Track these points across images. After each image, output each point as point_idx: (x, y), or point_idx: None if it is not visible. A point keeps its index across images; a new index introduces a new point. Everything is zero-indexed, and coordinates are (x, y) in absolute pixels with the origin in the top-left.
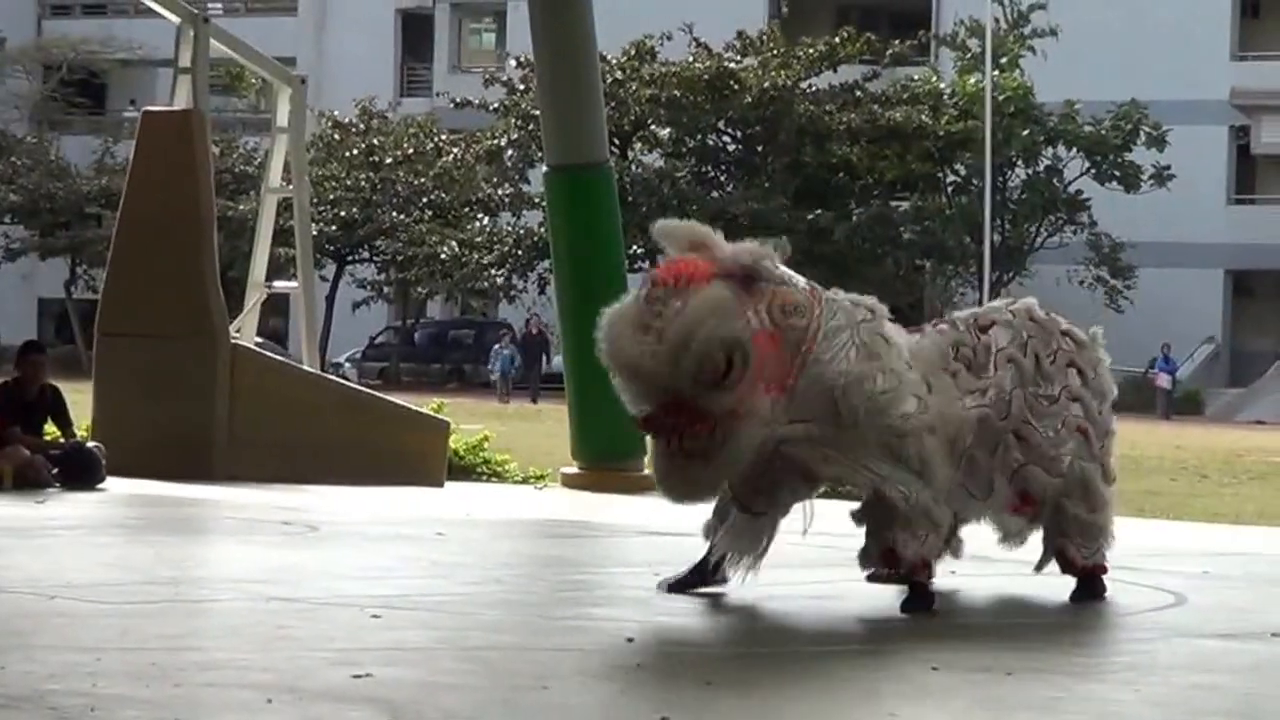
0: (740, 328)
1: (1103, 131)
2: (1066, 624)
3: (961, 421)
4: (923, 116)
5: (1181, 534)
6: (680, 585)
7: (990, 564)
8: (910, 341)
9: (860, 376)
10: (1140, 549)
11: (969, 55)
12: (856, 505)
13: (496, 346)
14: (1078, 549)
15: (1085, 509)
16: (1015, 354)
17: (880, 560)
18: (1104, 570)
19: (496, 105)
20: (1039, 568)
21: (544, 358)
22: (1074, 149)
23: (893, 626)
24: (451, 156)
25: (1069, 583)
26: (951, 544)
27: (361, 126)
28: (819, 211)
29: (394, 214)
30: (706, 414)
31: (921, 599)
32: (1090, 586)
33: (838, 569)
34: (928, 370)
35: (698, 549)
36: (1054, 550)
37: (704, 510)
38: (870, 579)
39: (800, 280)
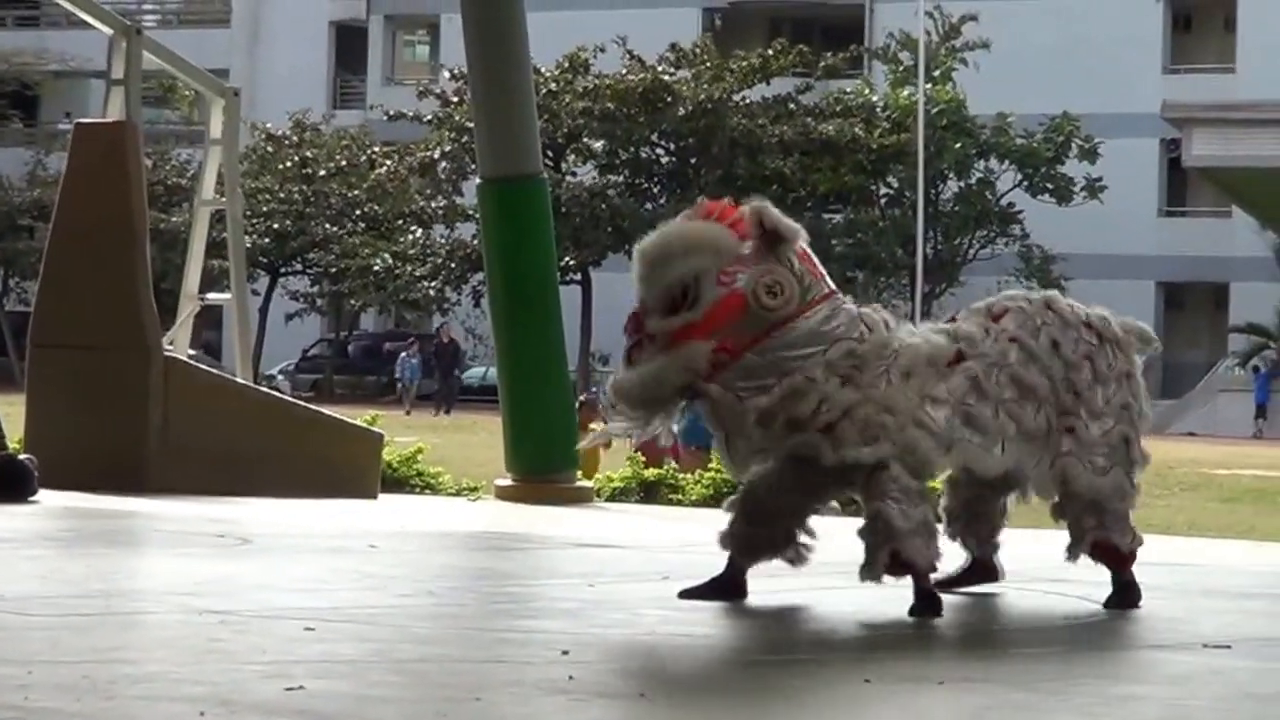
0: (711, 270)
1: (1035, 144)
2: (999, 634)
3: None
4: (855, 129)
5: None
6: (696, 594)
7: None
8: (912, 346)
9: (795, 390)
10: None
11: (901, 68)
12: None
13: (404, 355)
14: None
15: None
16: (1021, 335)
17: (889, 569)
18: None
19: (430, 117)
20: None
21: (460, 368)
22: (1006, 161)
23: (831, 637)
24: (385, 169)
25: (1002, 593)
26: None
27: (295, 139)
28: None
29: (327, 226)
30: (648, 331)
31: (930, 603)
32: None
33: (773, 580)
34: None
35: (630, 560)
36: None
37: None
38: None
39: (820, 276)
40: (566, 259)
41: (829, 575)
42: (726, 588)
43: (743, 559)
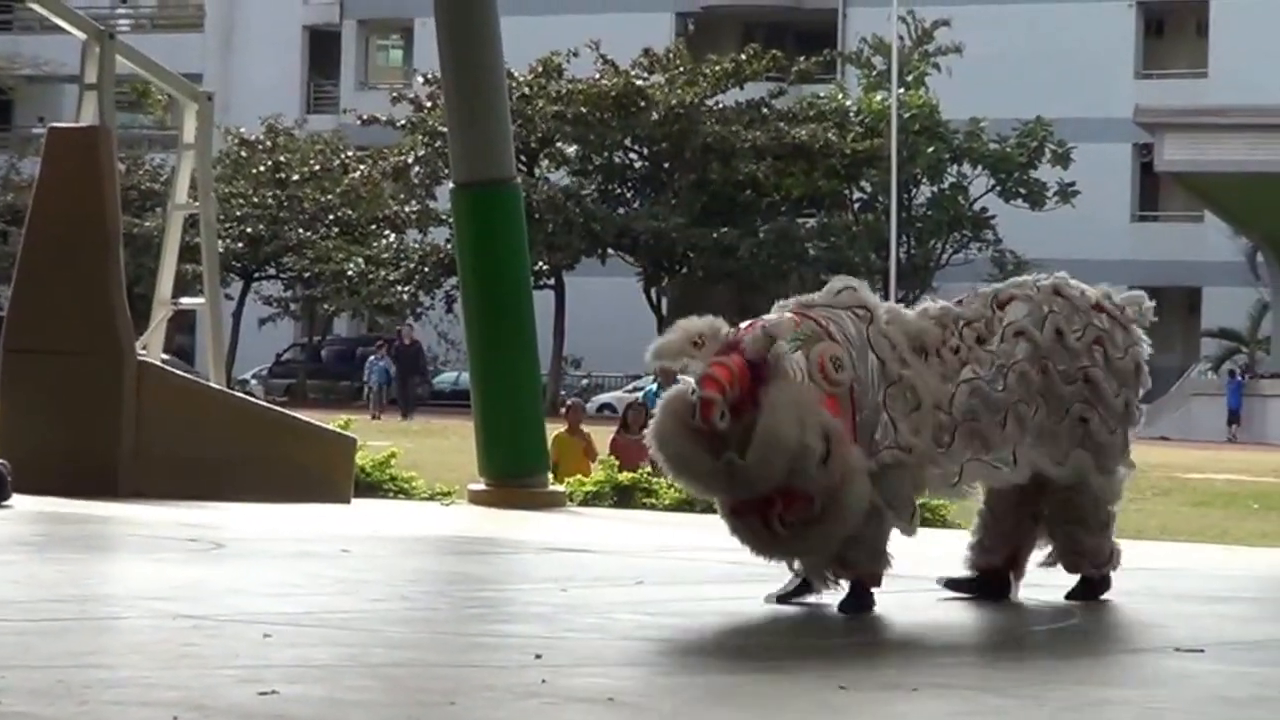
0: (822, 413)
1: (1008, 149)
2: (972, 639)
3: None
4: (829, 134)
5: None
6: (786, 596)
7: (898, 580)
8: (904, 328)
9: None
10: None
11: (874, 73)
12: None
13: (371, 358)
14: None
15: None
16: (1027, 327)
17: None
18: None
19: (403, 122)
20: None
21: (420, 371)
22: (979, 167)
23: (807, 643)
24: (358, 173)
25: (976, 598)
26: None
27: (268, 143)
28: (725, 229)
29: (300, 231)
30: (806, 493)
31: (862, 600)
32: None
33: (745, 585)
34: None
35: (603, 565)
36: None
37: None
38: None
39: (787, 315)
40: (539, 263)
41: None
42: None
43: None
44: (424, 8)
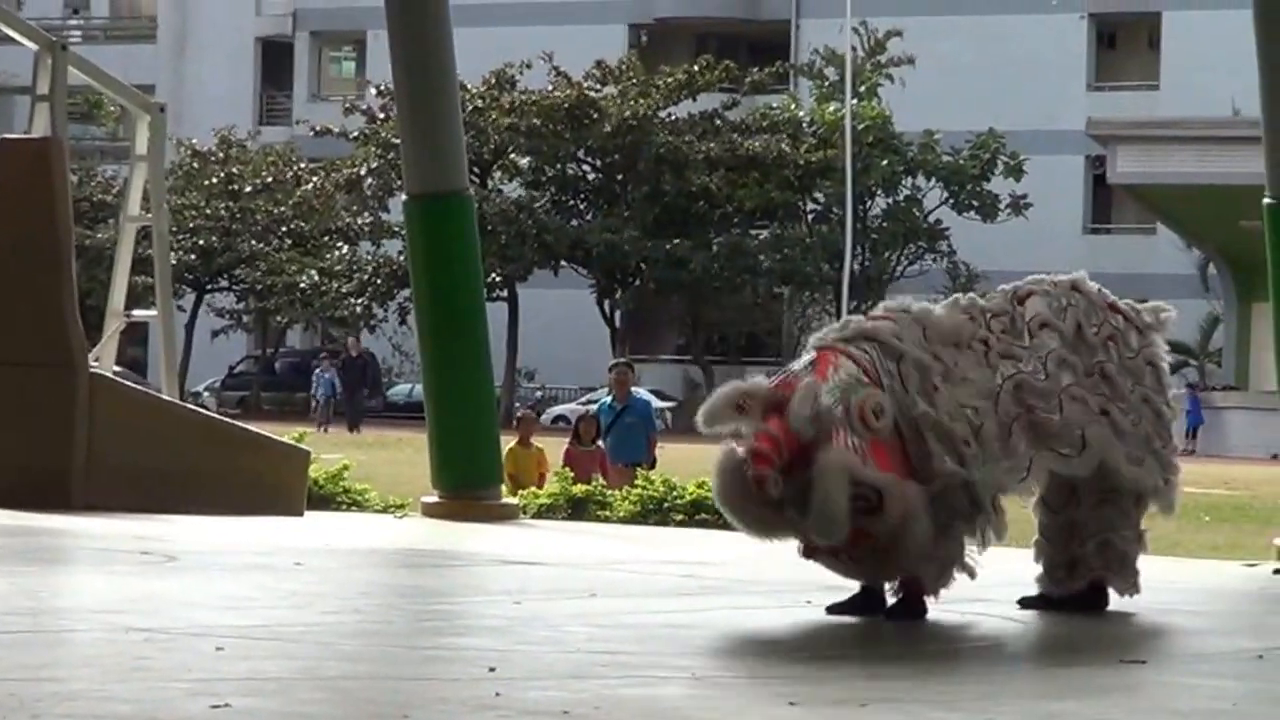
0: (868, 471)
1: (961, 161)
2: (922, 653)
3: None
4: (782, 145)
5: (1030, 562)
6: (841, 609)
7: (848, 590)
8: (939, 330)
9: None
10: (991, 578)
11: (827, 84)
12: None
13: (317, 370)
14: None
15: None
16: (1050, 319)
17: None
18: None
19: (356, 134)
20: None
21: (366, 384)
22: (933, 178)
23: (755, 659)
24: (311, 185)
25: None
26: None
27: (221, 155)
28: (678, 240)
29: (253, 243)
30: (870, 533)
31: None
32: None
33: (699, 598)
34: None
35: (557, 577)
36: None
37: None
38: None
39: (803, 364)
40: (493, 275)
41: (759, 595)
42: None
43: None
44: (376, 19)
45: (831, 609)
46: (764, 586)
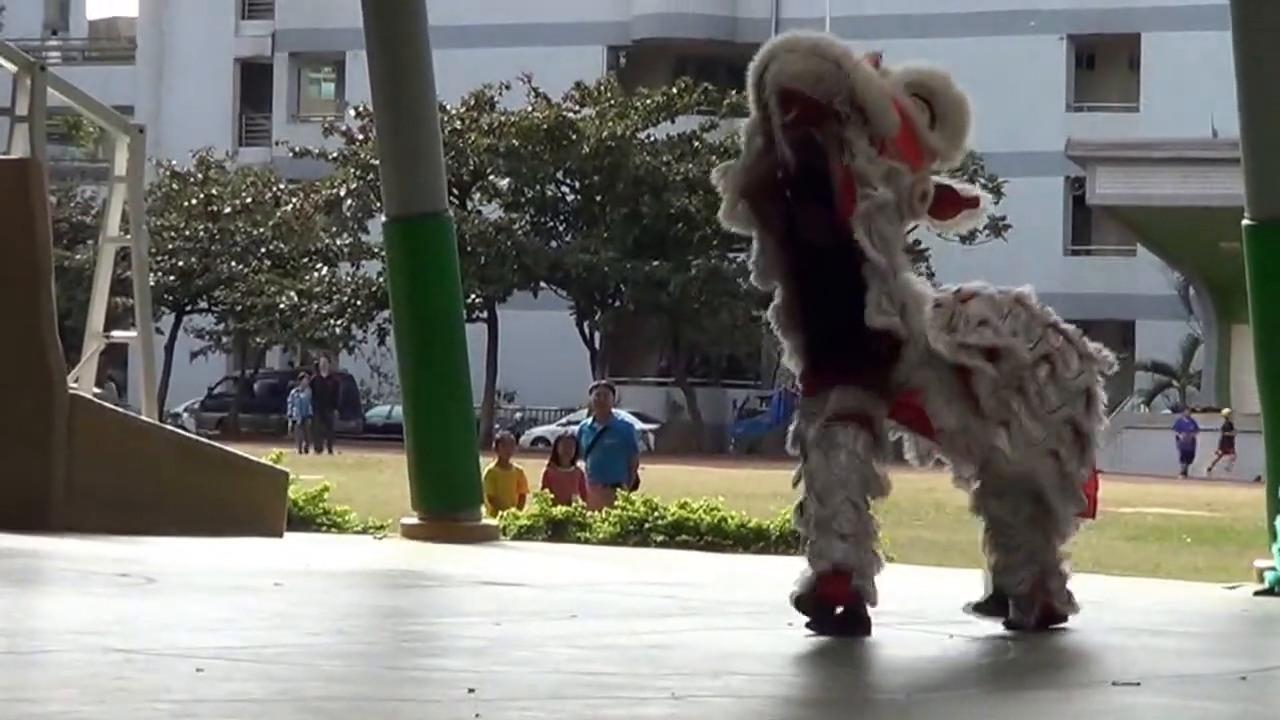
0: None
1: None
2: (907, 675)
3: None
4: None
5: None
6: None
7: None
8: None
9: None
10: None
11: None
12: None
13: (294, 391)
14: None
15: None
16: (991, 318)
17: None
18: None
19: (335, 155)
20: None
21: (337, 404)
22: None
23: (734, 679)
24: (290, 206)
25: (907, 636)
26: None
27: (199, 176)
28: (656, 262)
29: (232, 264)
30: None
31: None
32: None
33: (679, 619)
34: None
35: (536, 599)
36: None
37: None
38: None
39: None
40: (472, 296)
41: (739, 616)
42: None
43: None
44: (355, 41)
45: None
46: (744, 607)
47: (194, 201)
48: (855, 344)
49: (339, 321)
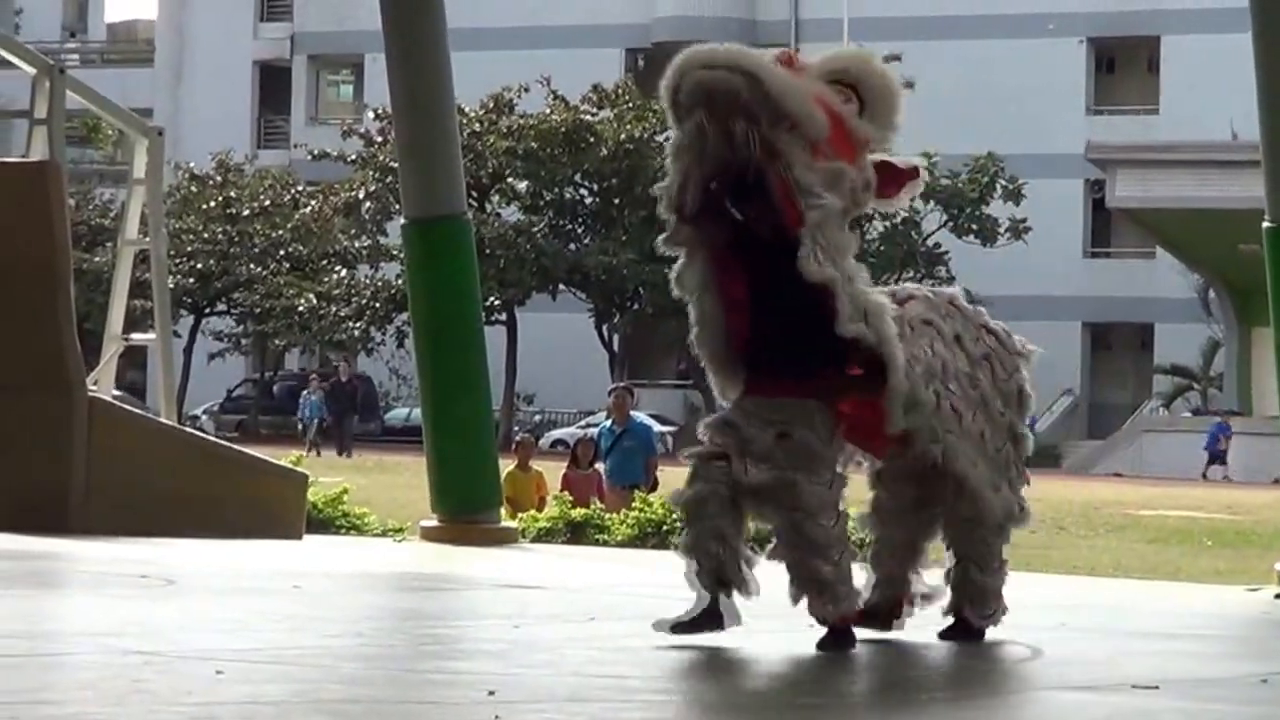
0: None
1: (960, 185)
2: (928, 677)
3: None
4: None
5: (1038, 586)
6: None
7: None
8: None
9: None
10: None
11: None
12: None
13: (305, 393)
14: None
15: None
16: (934, 318)
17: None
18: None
19: (354, 157)
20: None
21: (356, 409)
22: (931, 202)
23: (753, 682)
24: (309, 208)
25: (926, 635)
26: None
27: (218, 179)
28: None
29: (251, 266)
30: None
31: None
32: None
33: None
34: None
35: (555, 601)
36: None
37: None
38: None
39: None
40: (491, 299)
41: (758, 619)
42: None
43: None
44: (374, 43)
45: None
46: (764, 610)
47: (213, 204)
48: (805, 351)
49: (358, 324)
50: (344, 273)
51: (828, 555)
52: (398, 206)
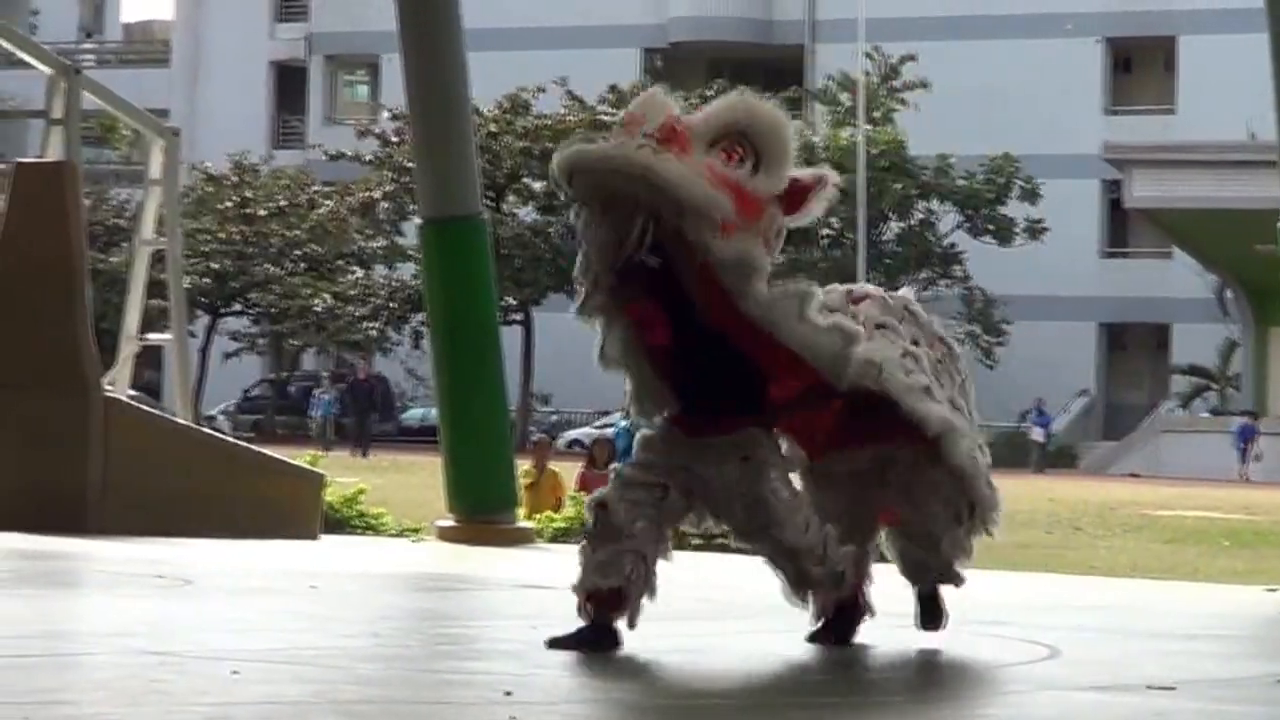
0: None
1: (976, 185)
2: (938, 677)
3: None
4: None
5: (1055, 587)
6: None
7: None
8: None
9: None
10: (1013, 602)
11: (841, 109)
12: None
13: (317, 392)
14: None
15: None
16: (890, 321)
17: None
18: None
19: (370, 157)
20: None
21: (375, 408)
22: (947, 202)
23: (771, 682)
24: (325, 209)
25: (943, 637)
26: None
27: (234, 179)
28: None
29: (267, 266)
30: None
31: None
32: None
33: (715, 622)
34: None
35: (572, 602)
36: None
37: None
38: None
39: None
40: (507, 299)
41: (776, 618)
42: None
43: None
44: (390, 43)
45: (552, 643)
46: (781, 610)
47: (229, 204)
48: (736, 406)
49: (374, 324)
50: (360, 273)
51: (814, 557)
52: (414, 207)
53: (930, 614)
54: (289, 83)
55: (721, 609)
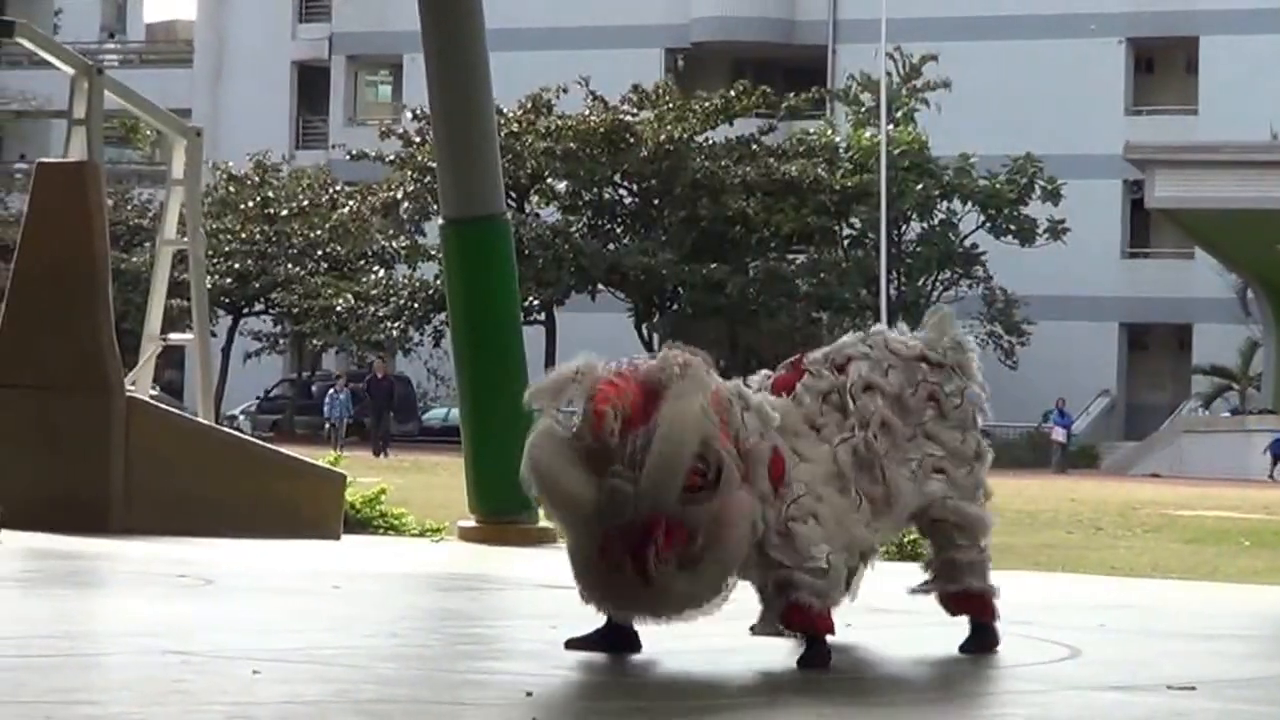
0: (719, 445)
1: (998, 185)
2: (960, 677)
3: (838, 466)
4: (818, 170)
5: (1076, 587)
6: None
7: (884, 615)
8: (780, 407)
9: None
10: (1035, 602)
11: (863, 109)
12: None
13: (331, 392)
14: (968, 583)
15: (969, 545)
16: (876, 380)
17: (784, 618)
18: (995, 598)
19: (392, 157)
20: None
21: (393, 407)
22: (969, 203)
23: (784, 682)
24: (347, 209)
25: (962, 633)
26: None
27: (256, 179)
28: (714, 265)
29: (289, 266)
30: (690, 527)
31: (820, 656)
32: (983, 637)
33: (735, 622)
34: (795, 436)
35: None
36: (946, 597)
37: None
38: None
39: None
40: (530, 299)
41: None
42: None
43: None
44: (413, 44)
45: (571, 643)
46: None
47: (251, 204)
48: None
49: (395, 324)
50: (382, 273)
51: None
52: (436, 207)
53: None
54: (311, 83)
55: (741, 610)
